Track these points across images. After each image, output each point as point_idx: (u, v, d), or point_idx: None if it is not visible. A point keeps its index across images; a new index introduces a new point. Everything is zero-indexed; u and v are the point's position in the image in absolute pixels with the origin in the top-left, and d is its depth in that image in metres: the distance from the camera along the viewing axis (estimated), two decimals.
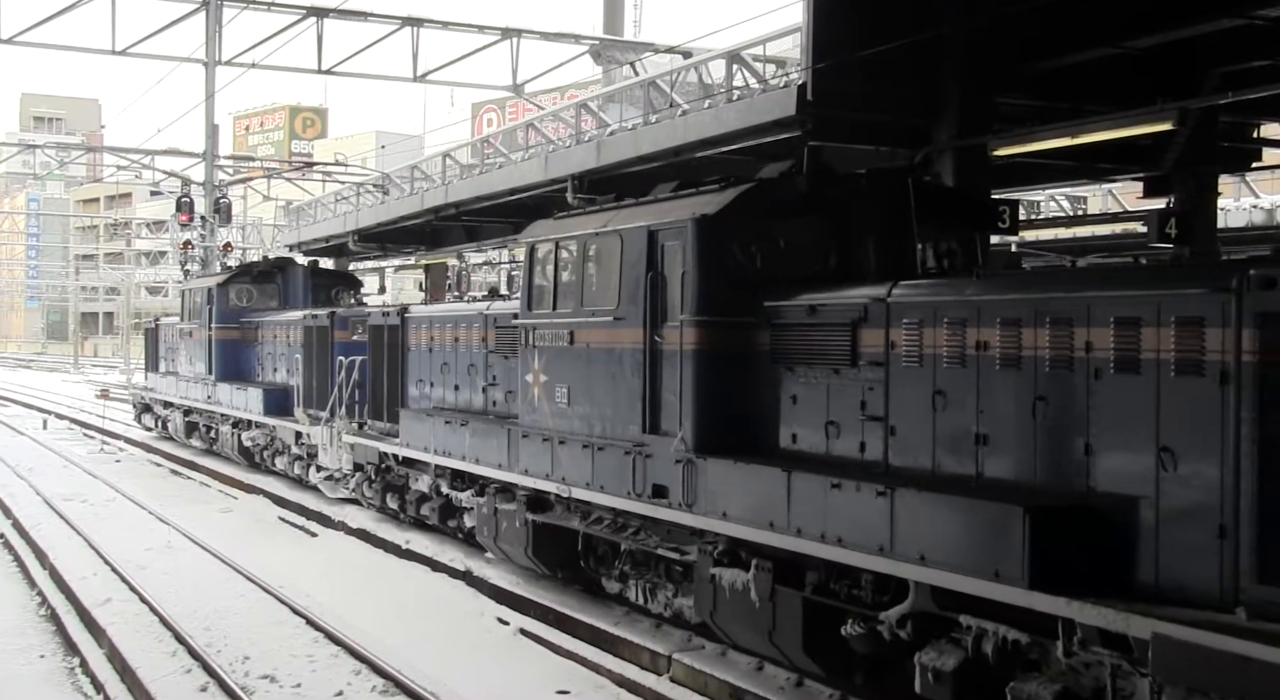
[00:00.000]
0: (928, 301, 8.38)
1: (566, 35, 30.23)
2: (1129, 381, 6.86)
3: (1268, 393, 6.08)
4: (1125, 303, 6.96)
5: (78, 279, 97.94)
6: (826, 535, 8.35)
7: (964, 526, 7.32)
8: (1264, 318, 6.09)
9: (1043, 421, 7.39)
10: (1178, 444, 6.57)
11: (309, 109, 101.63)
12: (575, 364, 11.47)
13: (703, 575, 9.89)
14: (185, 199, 35.83)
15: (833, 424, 9.00)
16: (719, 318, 9.85)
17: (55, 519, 18.21)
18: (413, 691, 9.65)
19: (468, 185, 22.85)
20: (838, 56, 11.27)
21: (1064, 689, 6.97)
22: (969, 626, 7.54)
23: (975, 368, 7.86)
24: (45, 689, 10.51)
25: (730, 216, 9.85)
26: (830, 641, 8.65)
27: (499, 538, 13.14)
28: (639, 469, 10.46)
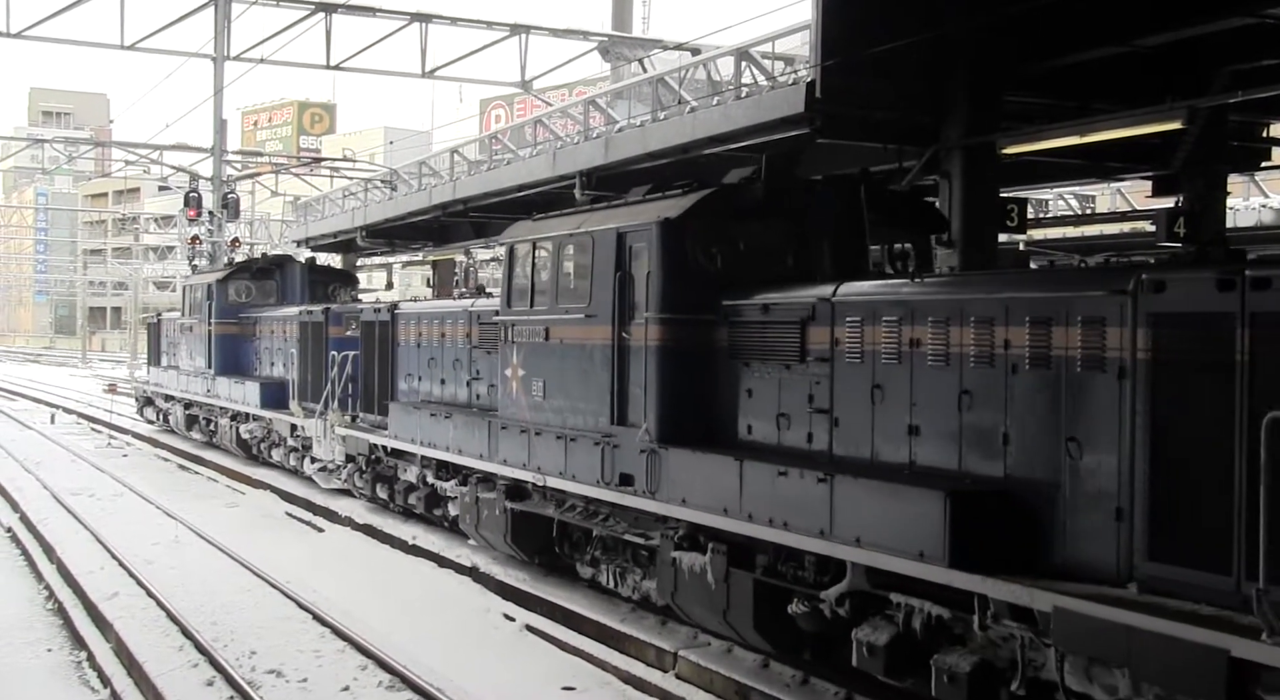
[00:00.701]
0: (868, 301, 8.93)
1: (575, 32, 30.23)
2: (1041, 376, 7.41)
3: (1158, 387, 6.61)
4: (1038, 304, 7.50)
5: (85, 274, 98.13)
6: (774, 520, 8.91)
7: (893, 511, 7.87)
8: (1155, 318, 6.65)
9: (967, 413, 7.96)
10: (1082, 434, 7.11)
11: (317, 104, 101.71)
12: (550, 359, 12.05)
13: (665, 559, 10.45)
14: (193, 194, 35.90)
15: (784, 416, 9.55)
16: (681, 315, 10.39)
17: (63, 513, 18.26)
18: (419, 687, 9.67)
19: (476, 181, 22.88)
20: (846, 54, 11.27)
21: (981, 661, 7.52)
22: (900, 604, 8.12)
23: (909, 363, 8.42)
24: (53, 682, 10.55)
25: (691, 220, 10.40)
26: (779, 620, 9.23)
27: (480, 525, 13.68)
28: (607, 458, 10.98)
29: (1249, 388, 6.13)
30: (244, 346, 25.14)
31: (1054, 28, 11.22)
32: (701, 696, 9.65)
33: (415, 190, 27.38)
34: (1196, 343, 6.44)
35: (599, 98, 20.65)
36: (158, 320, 32.51)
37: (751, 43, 15.88)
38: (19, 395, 45.79)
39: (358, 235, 29.96)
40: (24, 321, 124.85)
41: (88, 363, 74.21)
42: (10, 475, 22.47)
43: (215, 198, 35.57)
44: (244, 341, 25.14)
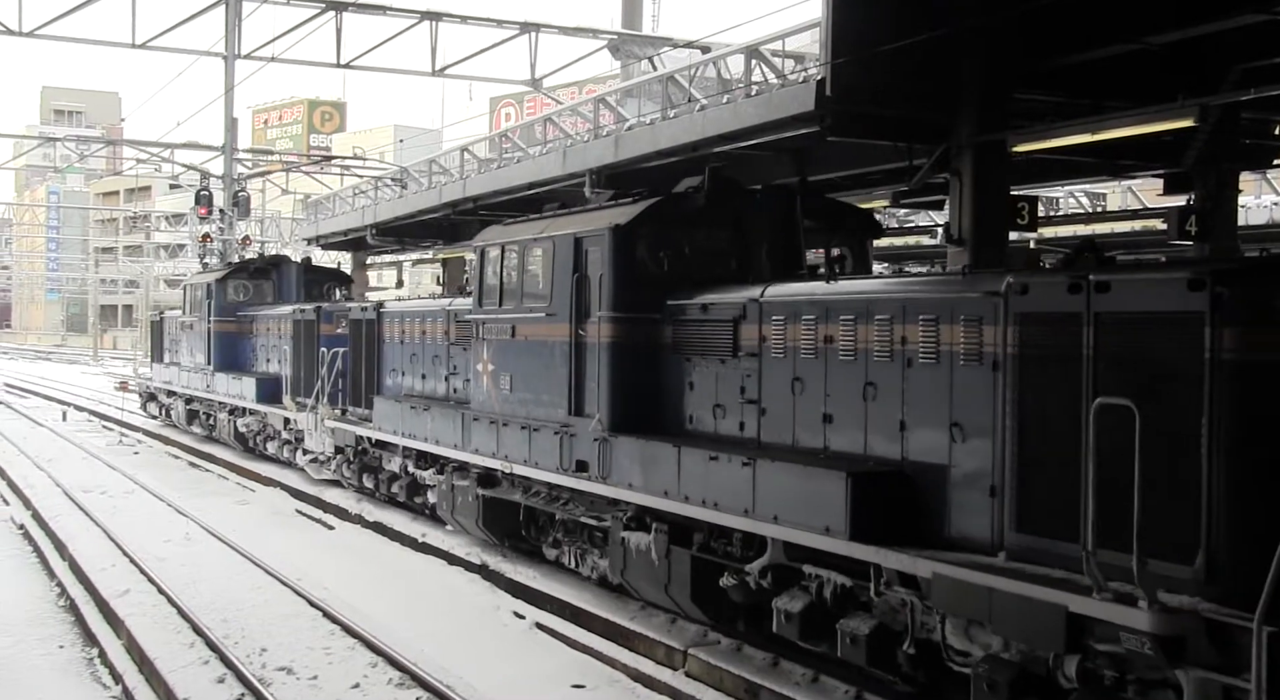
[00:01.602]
0: (789, 302, 9.73)
1: (585, 30, 30.21)
2: (931, 369, 8.24)
3: (1023, 378, 7.44)
4: (929, 304, 8.35)
5: (97, 272, 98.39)
6: (707, 501, 9.79)
7: (805, 490, 8.72)
8: (1021, 317, 7.47)
9: (871, 403, 8.77)
10: (964, 420, 7.96)
11: (328, 103, 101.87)
12: (516, 355, 12.94)
13: (615, 539, 11.32)
14: (204, 192, 36.01)
15: (719, 406, 10.42)
16: (630, 314, 11.25)
17: (75, 510, 18.31)
18: (429, 684, 9.68)
19: (485, 179, 22.88)
20: (857, 51, 11.25)
21: (879, 624, 8.38)
22: (812, 575, 9.02)
23: (824, 358, 9.25)
24: (65, 679, 10.58)
25: (640, 226, 11.27)
26: (713, 592, 10.07)
27: (455, 511, 14.61)
28: (565, 447, 11.84)
29: (1093, 378, 6.93)
30: (242, 344, 25.96)
31: (1064, 25, 11.18)
32: (711, 695, 9.64)
33: (425, 188, 27.41)
34: (1052, 338, 7.24)
35: (609, 96, 20.65)
36: (160, 318, 33.21)
37: (761, 40, 15.85)
38: (31, 393, 45.93)
39: (368, 233, 29.99)
40: (36, 319, 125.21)
41: (99, 360, 74.39)
42: (22, 472, 22.55)
43: (226, 196, 35.64)
44: (242, 339, 25.98)
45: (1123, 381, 6.72)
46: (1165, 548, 6.37)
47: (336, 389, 19.32)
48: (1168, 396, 6.50)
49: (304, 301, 24.18)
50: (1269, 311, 6.29)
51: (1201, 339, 6.37)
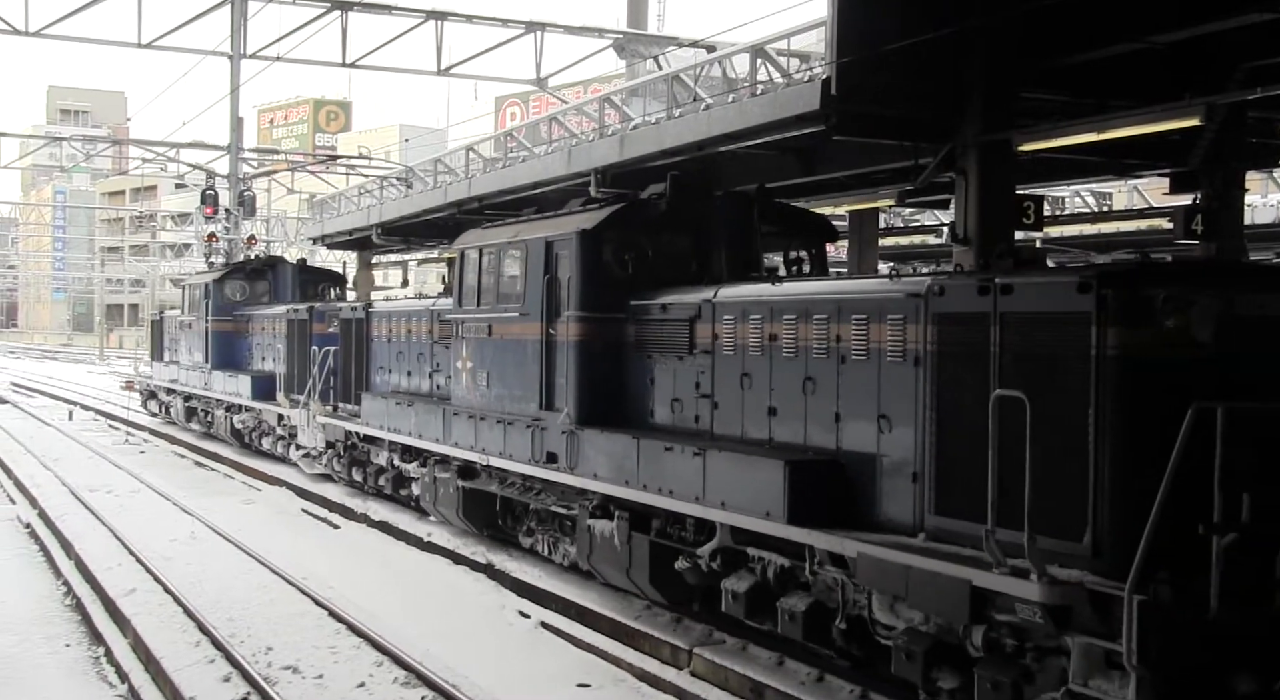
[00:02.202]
0: (739, 302, 10.38)
1: (590, 29, 30.24)
2: (863, 365, 8.87)
3: (940, 373, 8.04)
4: (860, 304, 8.98)
5: (103, 271, 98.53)
6: (663, 489, 10.42)
7: (749, 478, 9.34)
8: (939, 317, 8.10)
9: (810, 397, 9.42)
10: (891, 412, 8.58)
11: (333, 102, 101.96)
12: (492, 352, 13.62)
13: (582, 526, 11.93)
14: (210, 192, 36.01)
15: (677, 400, 11.08)
16: (596, 314, 11.90)
17: (81, 509, 18.34)
18: (434, 683, 9.68)
19: (491, 179, 22.86)
20: (862, 51, 11.24)
21: (815, 602, 9.02)
22: (756, 557, 9.63)
23: (769, 355, 9.87)
24: (71, 678, 10.59)
25: (606, 230, 11.94)
26: (670, 575, 10.67)
27: (438, 502, 15.30)
28: (537, 439, 12.49)
29: (999, 372, 7.54)
30: (238, 342, 26.56)
31: (1070, 24, 11.16)
32: (716, 694, 9.63)
33: (430, 188, 27.38)
34: (965, 336, 7.86)
35: (614, 95, 20.64)
36: (160, 318, 33.76)
37: (767, 40, 15.83)
38: (37, 392, 46.01)
39: (373, 233, 29.97)
40: (42, 318, 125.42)
41: (105, 359, 74.51)
42: (29, 471, 22.59)
43: (232, 195, 35.68)
44: (238, 338, 26.58)
45: (1023, 375, 7.33)
46: (1058, 526, 6.99)
47: (328, 386, 19.93)
48: (1061, 389, 7.10)
49: (299, 301, 24.73)
50: (1148, 312, 6.89)
51: (1089, 336, 6.95)
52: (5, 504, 20.05)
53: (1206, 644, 6.42)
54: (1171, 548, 6.33)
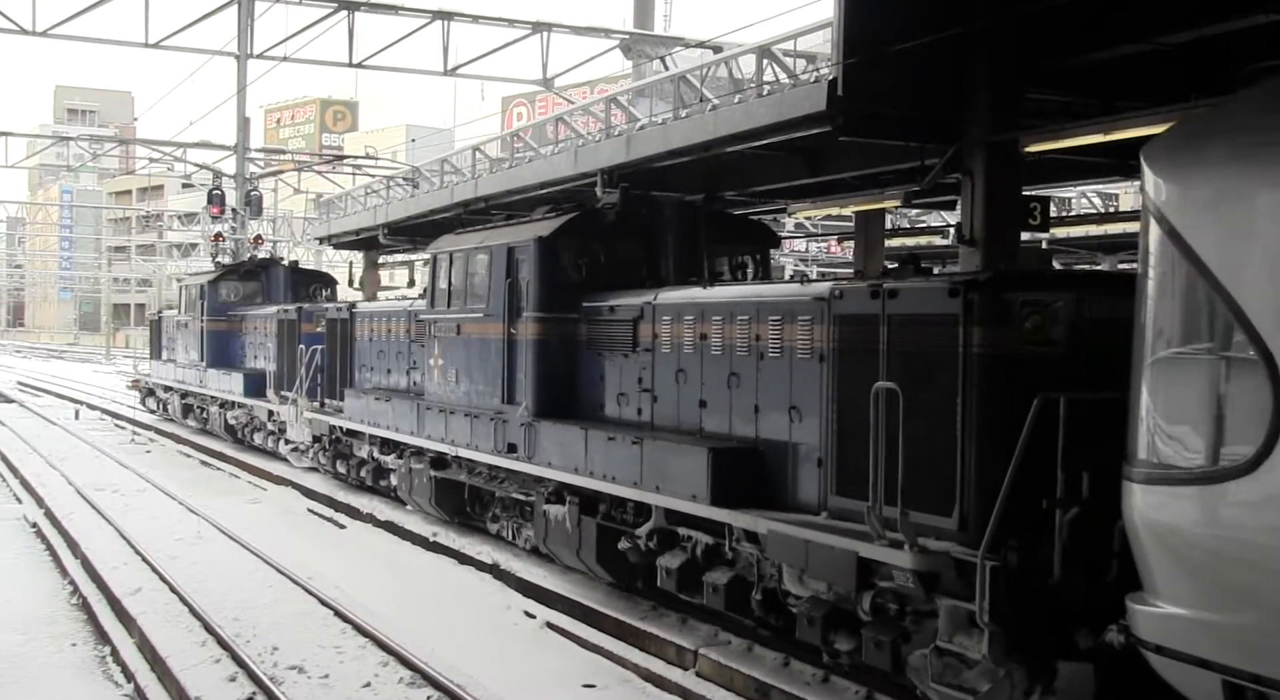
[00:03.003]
0: (675, 305, 11.31)
1: (597, 30, 30.21)
2: (778, 362, 9.78)
3: (840, 368, 8.97)
4: (776, 306, 9.87)
5: (110, 270, 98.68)
6: (607, 476, 11.36)
7: (679, 464, 10.29)
8: (839, 318, 9.01)
9: (735, 390, 10.33)
10: (801, 404, 9.50)
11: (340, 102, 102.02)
12: (461, 350, 14.59)
13: (539, 511, 12.90)
14: (216, 191, 36.09)
15: (623, 394, 11.97)
16: (552, 315, 12.86)
17: (87, 509, 18.38)
18: (440, 683, 9.69)
19: (497, 179, 22.86)
20: (868, 51, 11.24)
21: (736, 575, 9.95)
22: (686, 536, 10.62)
23: (700, 353, 10.80)
24: (77, 677, 10.62)
25: (561, 237, 12.91)
26: (615, 555, 11.54)
27: (412, 491, 16.32)
28: (499, 431, 13.47)
29: (886, 367, 8.37)
30: (232, 341, 27.55)
31: (1076, 25, 11.15)
32: (722, 695, 9.64)
33: (437, 188, 27.38)
34: (860, 336, 8.75)
35: (621, 95, 20.63)
36: (159, 318, 34.72)
37: (773, 40, 15.82)
38: (44, 391, 46.09)
39: (380, 233, 29.97)
40: (49, 318, 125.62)
41: (111, 359, 74.62)
42: (35, 471, 22.63)
43: (238, 195, 35.73)
44: (232, 337, 27.58)
45: (906, 370, 8.23)
46: (932, 503, 7.94)
47: (315, 383, 20.74)
48: (935, 382, 7.99)
49: (291, 302, 25.43)
50: (1007, 314, 7.74)
51: (957, 335, 7.85)
52: (12, 503, 20.09)
53: (1051, 604, 7.24)
54: (1024, 521, 7.27)
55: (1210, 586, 5.85)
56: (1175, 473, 5.98)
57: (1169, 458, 6.05)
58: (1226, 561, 5.75)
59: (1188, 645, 5.94)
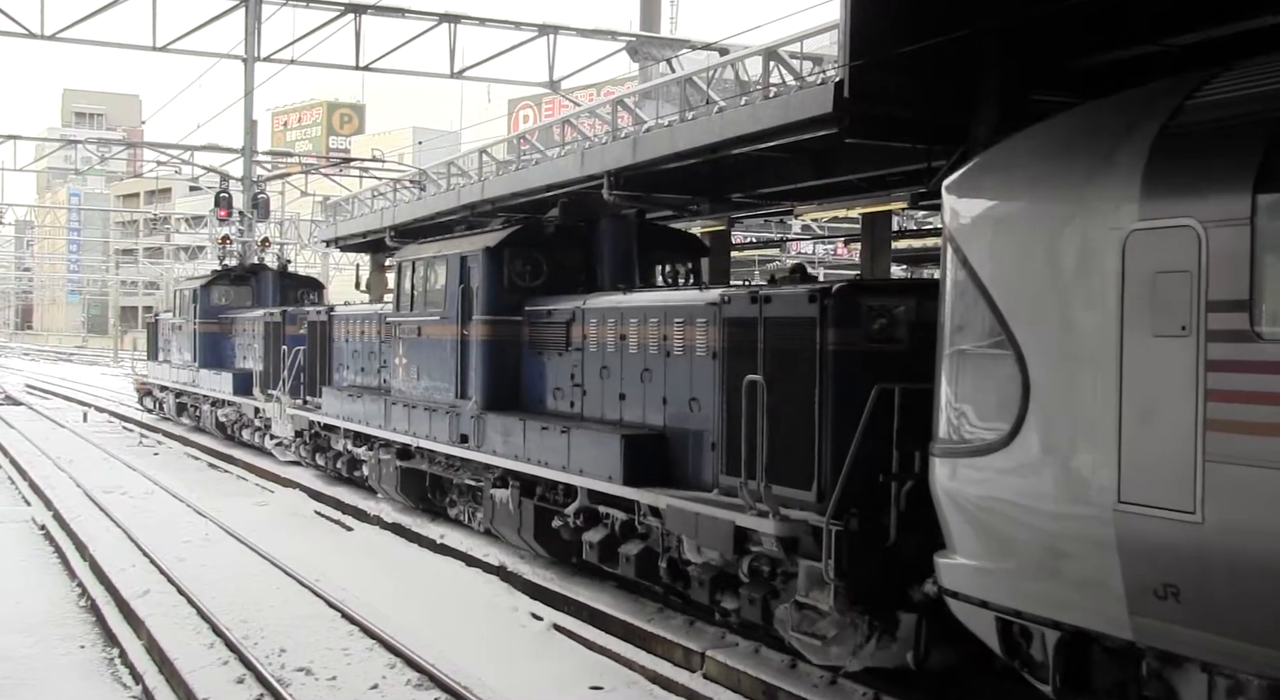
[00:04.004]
0: (599, 308, 12.72)
1: (603, 32, 30.21)
2: (680, 359, 11.14)
3: (728, 365, 10.19)
4: (679, 311, 11.24)
5: (117, 273, 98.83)
6: (541, 461, 12.72)
7: (598, 450, 11.65)
8: (728, 321, 10.24)
9: (647, 384, 11.65)
10: (699, 396, 10.81)
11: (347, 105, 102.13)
12: (421, 350, 15.98)
13: (487, 496, 14.29)
14: (224, 194, 36.09)
15: (559, 389, 13.38)
16: (499, 317, 14.22)
17: (95, 511, 18.41)
18: (447, 685, 9.70)
19: (504, 181, 22.86)
20: (874, 53, 11.23)
21: (645, 548, 11.26)
22: (606, 514, 11.95)
23: (620, 351, 12.14)
24: (85, 679, 10.64)
25: (506, 247, 14.29)
26: (550, 533, 12.95)
27: (381, 480, 17.76)
28: (453, 423, 14.81)
29: (763, 363, 9.57)
30: (223, 343, 28.88)
31: (1084, 26, 11.14)
32: (728, 696, 9.65)
33: (443, 190, 27.39)
34: (744, 336, 9.95)
35: (627, 98, 20.61)
36: (155, 320, 36.19)
37: (779, 42, 15.80)
38: (52, 394, 46.19)
39: (386, 235, 29.98)
40: (57, 320, 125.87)
41: (119, 361, 74.75)
42: (44, 473, 22.67)
43: (245, 198, 35.75)
44: (223, 338, 28.90)
45: (777, 365, 9.47)
46: (796, 479, 9.15)
47: (297, 382, 22.06)
48: (799, 375, 9.19)
49: (279, 306, 26.36)
50: (857, 317, 8.98)
51: (815, 335, 9.08)
52: (20, 506, 20.14)
53: (888, 563, 8.42)
54: (867, 493, 8.45)
55: (984, 540, 7.09)
56: (959, 447, 7.22)
57: (955, 435, 7.30)
58: (993, 519, 6.99)
59: (971, 589, 7.20)
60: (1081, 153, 6.78)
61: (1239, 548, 5.61)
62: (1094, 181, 6.50)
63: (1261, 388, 5.58)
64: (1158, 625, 6.00)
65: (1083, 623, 6.48)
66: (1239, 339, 5.67)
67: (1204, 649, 5.88)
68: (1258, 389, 5.59)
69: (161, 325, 34.45)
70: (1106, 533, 6.16)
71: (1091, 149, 6.70)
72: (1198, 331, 5.81)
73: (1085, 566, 6.36)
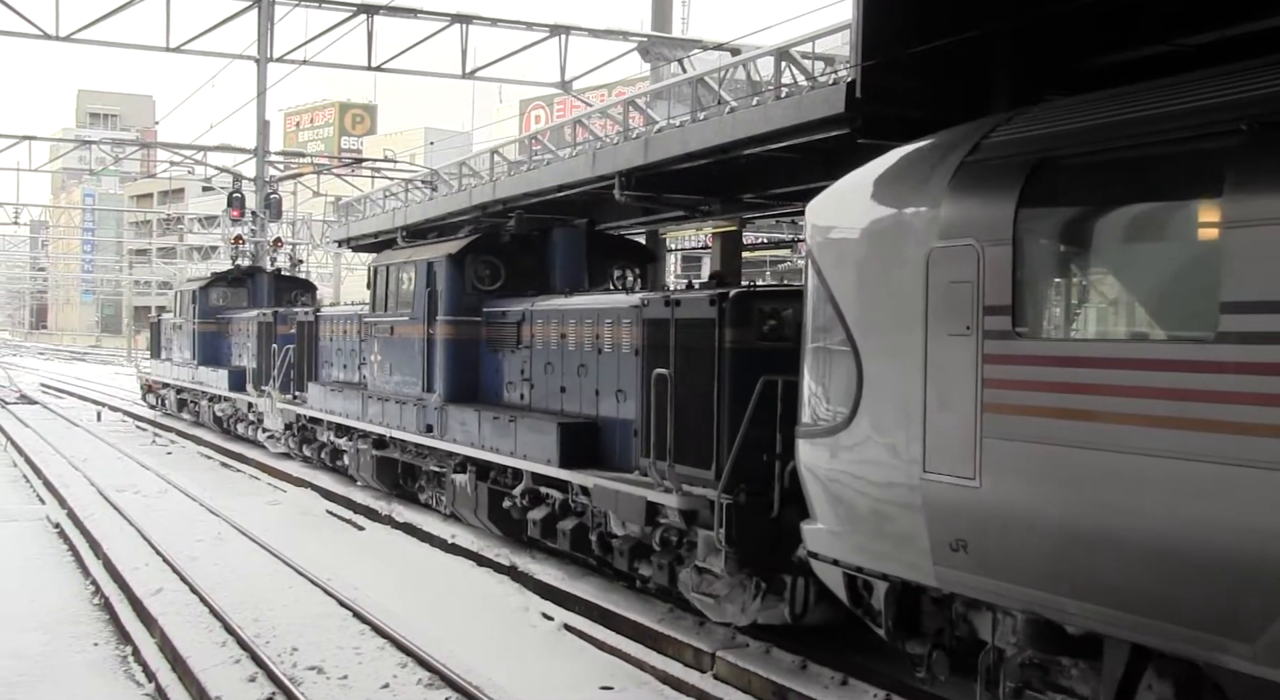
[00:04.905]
0: (544, 310, 14.22)
1: (615, 32, 30.17)
2: (609, 356, 12.54)
3: (648, 361, 11.39)
4: (606, 312, 12.66)
5: (131, 273, 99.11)
6: (493, 448, 14.19)
7: (538, 436, 13.07)
8: (647, 322, 11.52)
9: (583, 378, 13.10)
10: (625, 389, 12.19)
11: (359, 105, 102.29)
12: (393, 348, 17.58)
13: (449, 481, 15.82)
14: (236, 194, 36.18)
15: (511, 383, 14.88)
16: (460, 318, 15.70)
17: (109, 509, 18.46)
18: (458, 685, 9.70)
19: (515, 182, 22.84)
20: (887, 53, 11.20)
21: (579, 523, 12.59)
22: (546, 493, 13.41)
23: (561, 349, 13.61)
24: (98, 677, 10.67)
25: (466, 254, 15.83)
26: (502, 513, 14.28)
27: (359, 469, 19.29)
28: (420, 415, 16.33)
29: (674, 359, 10.89)
30: (220, 341, 30.36)
31: (1097, 26, 11.10)
32: (739, 697, 9.64)
33: (455, 191, 27.38)
34: (659, 335, 11.23)
35: (638, 98, 20.59)
36: (159, 320, 37.79)
37: (791, 43, 15.77)
38: (66, 393, 46.34)
39: (398, 235, 29.98)
40: (71, 320, 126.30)
41: (133, 361, 74.93)
42: (58, 472, 22.75)
43: (258, 198, 35.83)
44: (220, 337, 30.38)
45: (685, 361, 10.77)
46: (699, 460, 10.44)
47: (287, 378, 23.35)
48: (702, 370, 10.48)
49: (274, 306, 27.74)
50: (749, 318, 10.25)
51: (714, 334, 10.38)
52: (35, 504, 20.21)
53: (773, 532, 9.60)
54: (755, 471, 9.68)
55: (833, 508, 8.30)
56: (815, 429, 8.44)
57: (812, 419, 8.51)
58: (839, 489, 8.22)
59: (826, 550, 8.43)
60: (904, 183, 8.06)
61: (1005, 508, 6.80)
62: (911, 206, 7.77)
63: (1020, 377, 6.80)
64: (953, 573, 7.22)
65: (903, 574, 7.72)
66: (1004, 337, 6.88)
67: (985, 591, 7.10)
68: (1017, 378, 6.81)
69: (164, 325, 35.89)
70: (915, 497, 7.38)
71: (912, 179, 7.95)
72: (978, 331, 7.01)
73: (902, 526, 7.59)
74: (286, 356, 23.40)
